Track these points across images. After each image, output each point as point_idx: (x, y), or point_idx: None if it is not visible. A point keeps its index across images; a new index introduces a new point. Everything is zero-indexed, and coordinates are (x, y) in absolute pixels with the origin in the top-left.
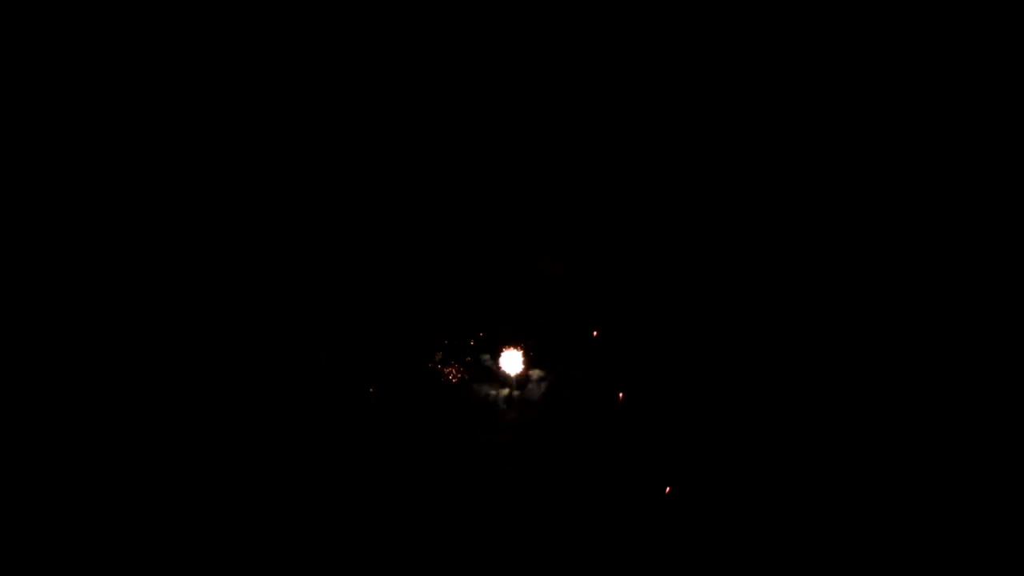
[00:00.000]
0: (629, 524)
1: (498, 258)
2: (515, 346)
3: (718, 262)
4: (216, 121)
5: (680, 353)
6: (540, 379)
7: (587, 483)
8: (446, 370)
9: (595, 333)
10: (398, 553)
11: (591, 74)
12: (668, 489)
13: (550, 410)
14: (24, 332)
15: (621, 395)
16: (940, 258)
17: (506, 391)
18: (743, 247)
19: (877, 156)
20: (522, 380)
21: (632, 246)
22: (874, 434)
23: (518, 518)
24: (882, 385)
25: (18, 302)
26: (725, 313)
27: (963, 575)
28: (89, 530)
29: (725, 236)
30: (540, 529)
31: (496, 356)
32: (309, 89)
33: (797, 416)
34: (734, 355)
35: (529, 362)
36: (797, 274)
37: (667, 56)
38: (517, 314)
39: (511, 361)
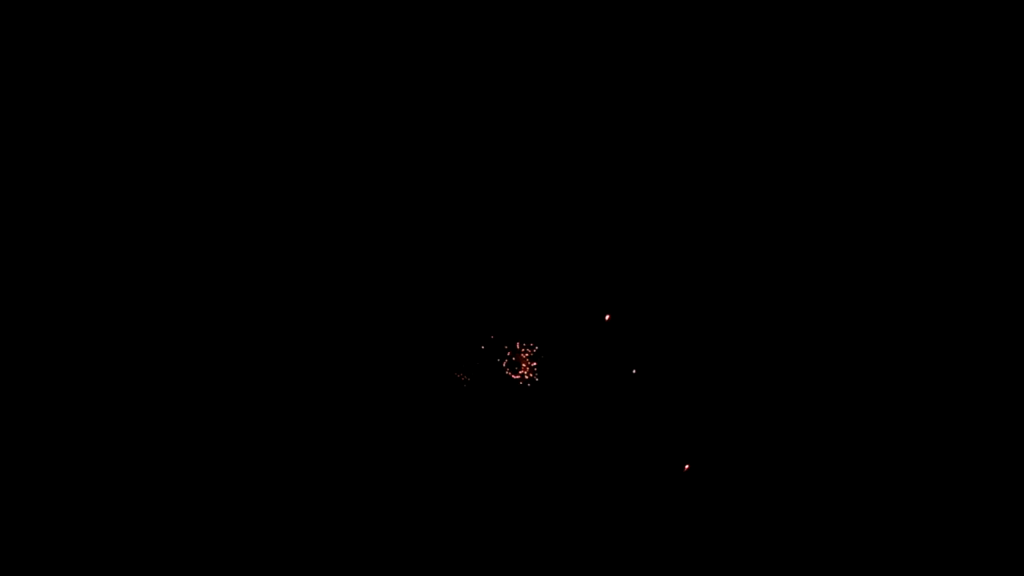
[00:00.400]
0: (642, 516)
1: (504, 258)
2: (523, 345)
3: (725, 259)
4: (218, 122)
5: (688, 349)
6: (547, 377)
7: (598, 480)
8: (456, 374)
9: (607, 317)
10: (404, 553)
11: (593, 74)
12: (687, 467)
13: (557, 408)
14: (24, 332)
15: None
16: (942, 258)
17: (514, 389)
18: (747, 245)
19: (878, 156)
20: (530, 378)
21: (638, 244)
22: (877, 425)
23: (529, 516)
24: (884, 377)
25: (18, 302)
26: (732, 309)
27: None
28: (89, 530)
29: (730, 234)
30: (551, 527)
31: (504, 356)
32: (315, 90)
33: (804, 409)
34: (741, 349)
35: (537, 361)
36: (801, 271)
37: (672, 56)
38: (524, 314)
39: (519, 360)
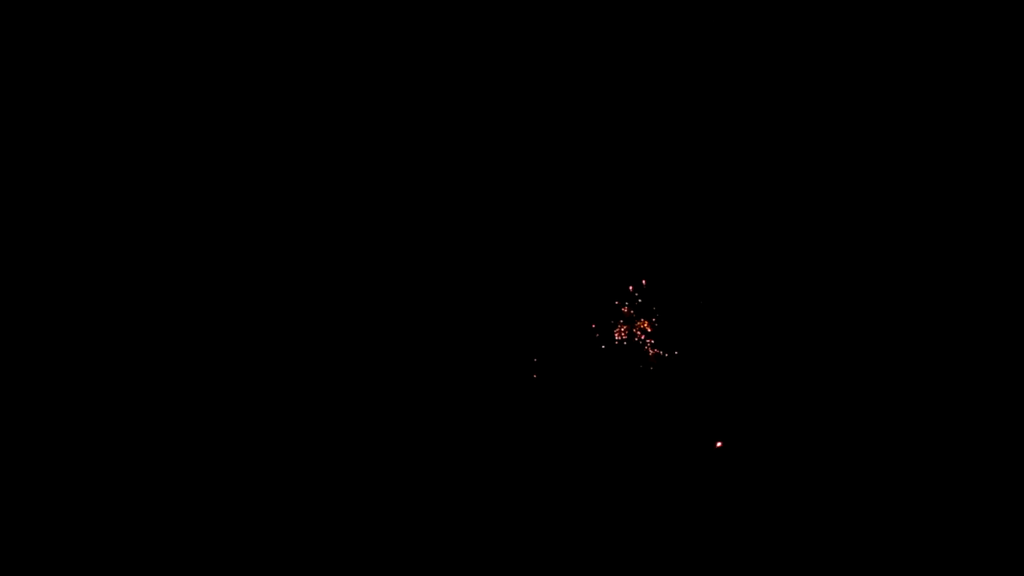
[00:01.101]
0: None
1: (513, 258)
2: (532, 345)
3: (734, 257)
4: (219, 122)
5: (699, 347)
6: (559, 376)
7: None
8: (470, 378)
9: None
10: (416, 552)
11: (596, 74)
12: (719, 444)
13: (567, 408)
14: (24, 333)
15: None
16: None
17: (525, 388)
18: (752, 244)
19: (880, 156)
20: (542, 377)
21: (646, 243)
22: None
23: (546, 515)
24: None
25: (18, 302)
26: (742, 307)
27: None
28: (89, 530)
29: (737, 232)
30: (565, 527)
31: (516, 356)
32: (329, 93)
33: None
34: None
35: (546, 362)
36: (805, 272)
37: (682, 55)
38: (533, 313)
39: (530, 359)
